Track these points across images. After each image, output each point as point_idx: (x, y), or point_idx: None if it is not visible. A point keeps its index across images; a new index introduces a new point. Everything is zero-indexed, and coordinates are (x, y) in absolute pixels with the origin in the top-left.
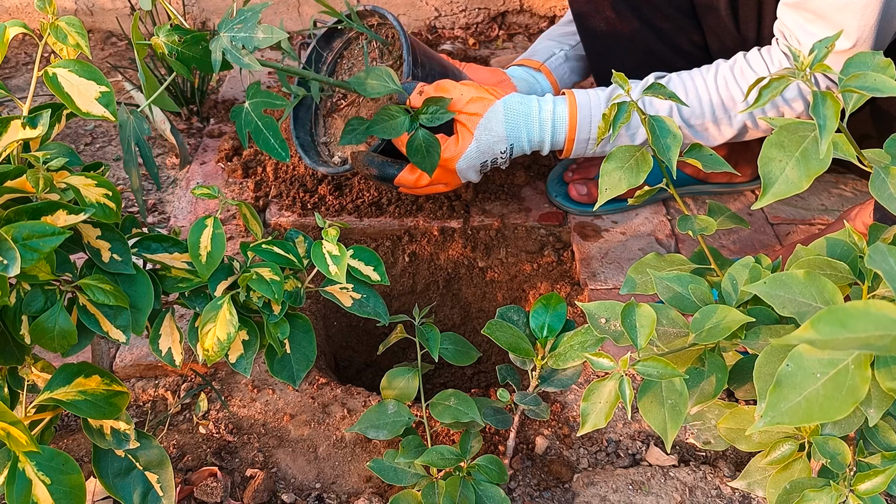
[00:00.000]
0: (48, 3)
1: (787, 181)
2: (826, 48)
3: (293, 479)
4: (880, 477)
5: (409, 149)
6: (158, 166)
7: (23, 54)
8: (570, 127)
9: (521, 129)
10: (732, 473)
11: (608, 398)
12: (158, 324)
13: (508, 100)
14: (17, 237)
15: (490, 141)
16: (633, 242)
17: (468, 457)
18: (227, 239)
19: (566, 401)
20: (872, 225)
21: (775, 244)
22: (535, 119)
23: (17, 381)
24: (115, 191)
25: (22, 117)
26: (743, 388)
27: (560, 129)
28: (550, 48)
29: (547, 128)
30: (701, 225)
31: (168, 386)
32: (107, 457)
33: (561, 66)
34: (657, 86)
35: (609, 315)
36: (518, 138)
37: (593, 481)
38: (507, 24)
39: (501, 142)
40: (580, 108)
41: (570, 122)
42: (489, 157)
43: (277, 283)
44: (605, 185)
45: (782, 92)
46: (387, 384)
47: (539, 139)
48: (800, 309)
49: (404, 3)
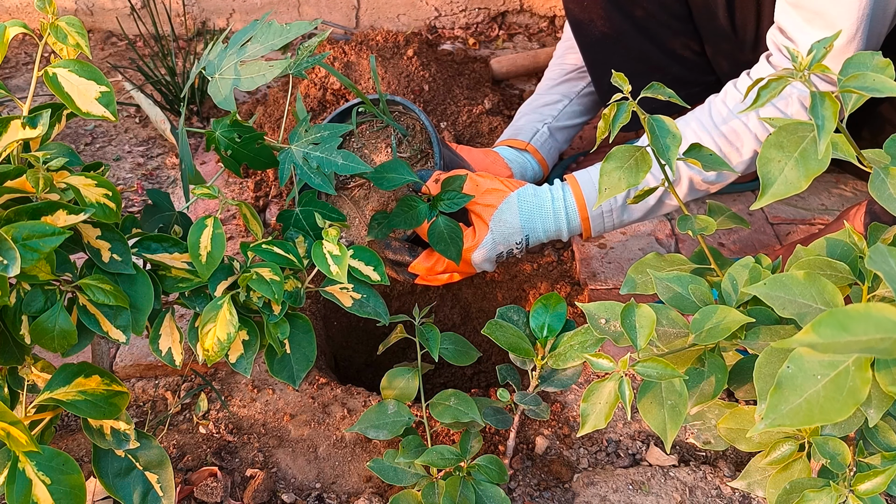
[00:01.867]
0: (48, 3)
1: (786, 181)
2: (825, 48)
3: (293, 479)
4: (880, 477)
5: (431, 236)
6: (158, 166)
7: (23, 54)
8: (581, 207)
9: (537, 221)
10: (732, 473)
11: (608, 399)
12: (158, 324)
13: (522, 192)
14: (17, 237)
15: (506, 232)
16: (633, 242)
17: (468, 457)
18: (228, 239)
19: (566, 401)
20: (872, 225)
21: (775, 244)
22: (550, 210)
23: (17, 381)
24: (115, 191)
25: (22, 117)
26: (743, 388)
27: (573, 215)
28: (534, 125)
29: (561, 216)
30: (701, 225)
31: (168, 386)
32: (107, 457)
33: (546, 143)
34: (656, 86)
35: (609, 315)
36: (534, 229)
37: (593, 481)
38: (507, 24)
39: (517, 233)
40: (583, 186)
41: (578, 204)
42: (505, 249)
43: (277, 283)
44: (605, 185)
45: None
46: (387, 384)
47: (556, 228)
48: (800, 310)
49: (404, 3)
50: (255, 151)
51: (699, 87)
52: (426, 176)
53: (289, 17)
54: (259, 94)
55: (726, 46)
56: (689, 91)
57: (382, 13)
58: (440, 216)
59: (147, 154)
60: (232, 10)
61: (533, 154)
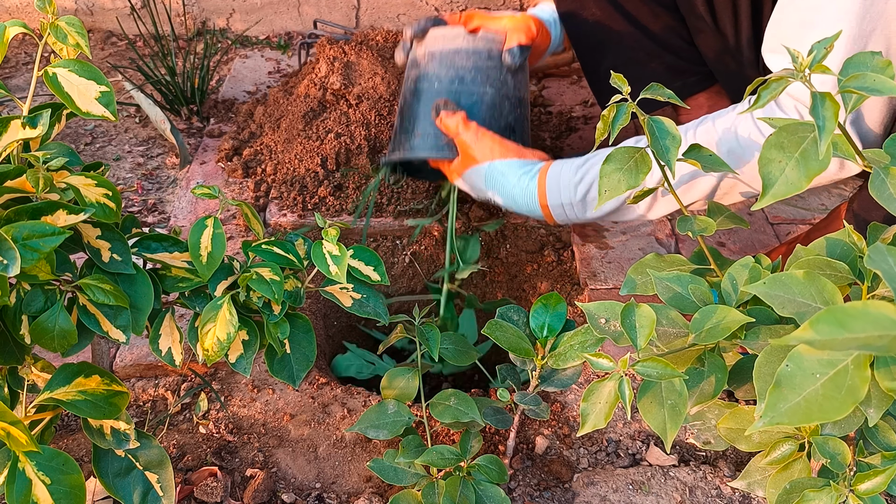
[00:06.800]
0: (48, 3)
1: (786, 182)
2: (825, 49)
3: (293, 479)
4: (880, 477)
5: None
6: (158, 166)
7: (23, 54)
8: (541, 197)
9: (503, 194)
10: (732, 473)
11: (608, 398)
12: (158, 324)
13: (491, 167)
14: (17, 237)
15: (476, 187)
16: (633, 242)
17: (468, 457)
18: (227, 239)
19: (566, 401)
20: (872, 225)
21: (775, 244)
22: (513, 192)
23: (17, 381)
24: (115, 191)
25: (22, 117)
26: (743, 388)
27: (533, 205)
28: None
29: (522, 203)
30: (700, 225)
31: (168, 386)
32: (107, 457)
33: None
34: (655, 86)
35: (609, 315)
36: (504, 198)
37: (593, 481)
38: None
39: (485, 192)
40: (549, 180)
41: (540, 196)
42: (480, 195)
43: (277, 283)
44: (605, 187)
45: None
46: (387, 384)
47: (522, 209)
48: (799, 309)
49: (404, 3)
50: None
51: (695, 76)
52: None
53: (289, 17)
54: (259, 94)
55: (711, 40)
56: (685, 80)
57: (382, 13)
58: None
59: (147, 154)
60: (232, 10)
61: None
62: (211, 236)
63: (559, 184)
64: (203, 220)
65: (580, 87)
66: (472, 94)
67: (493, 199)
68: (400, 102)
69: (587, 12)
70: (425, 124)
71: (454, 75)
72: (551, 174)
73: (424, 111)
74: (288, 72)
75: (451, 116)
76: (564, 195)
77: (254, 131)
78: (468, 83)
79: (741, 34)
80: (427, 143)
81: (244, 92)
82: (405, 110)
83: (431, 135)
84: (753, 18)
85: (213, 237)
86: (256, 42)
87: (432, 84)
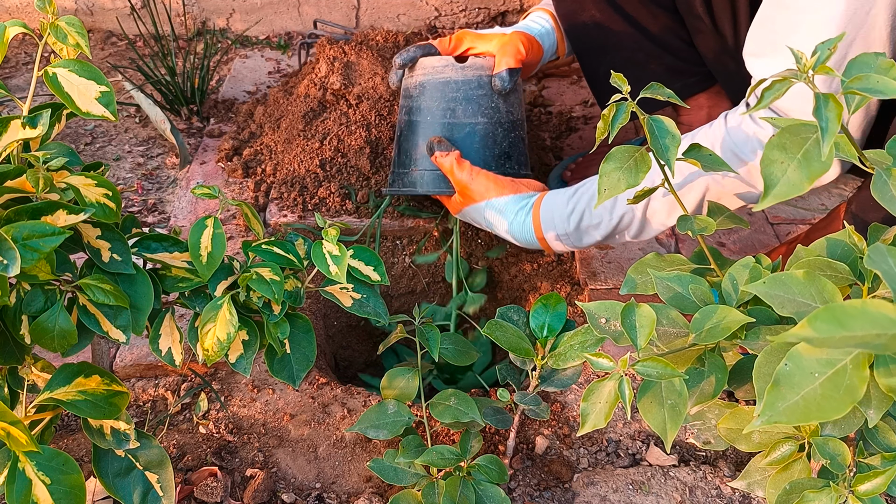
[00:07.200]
0: (48, 3)
1: (788, 183)
2: (829, 50)
3: (293, 479)
4: (880, 478)
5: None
6: (158, 166)
7: (23, 54)
8: (537, 230)
9: (500, 230)
10: (732, 473)
11: (608, 398)
12: (158, 324)
13: (489, 204)
14: (17, 237)
15: (475, 219)
16: (633, 242)
17: (468, 457)
18: (227, 239)
19: (566, 401)
20: (873, 225)
21: (775, 244)
22: (509, 228)
23: (17, 381)
24: (115, 191)
25: (22, 117)
26: (743, 388)
27: (530, 238)
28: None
29: (519, 237)
30: (700, 225)
31: (168, 386)
32: (107, 457)
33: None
34: (655, 85)
35: (609, 315)
36: (501, 231)
37: (593, 481)
38: (508, 24)
39: (484, 227)
40: (543, 212)
41: (535, 229)
42: (478, 225)
43: (277, 283)
44: (605, 186)
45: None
46: (387, 384)
47: (520, 241)
48: (799, 309)
49: (404, 3)
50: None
51: (695, 76)
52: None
53: (289, 17)
54: (259, 95)
55: (710, 40)
56: (685, 81)
57: (382, 13)
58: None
59: (147, 154)
60: (232, 10)
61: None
62: (211, 236)
63: (553, 217)
64: (203, 220)
65: (580, 87)
66: (464, 127)
67: (495, 233)
68: (396, 132)
69: (586, 14)
70: (422, 160)
71: (445, 107)
72: (544, 208)
73: (420, 146)
74: (288, 72)
75: (445, 156)
76: (559, 227)
77: (254, 131)
78: (460, 115)
79: (740, 34)
80: (425, 178)
81: (244, 92)
82: (402, 143)
83: (429, 170)
84: (752, 19)
85: (213, 237)
86: (256, 42)
87: (425, 117)
